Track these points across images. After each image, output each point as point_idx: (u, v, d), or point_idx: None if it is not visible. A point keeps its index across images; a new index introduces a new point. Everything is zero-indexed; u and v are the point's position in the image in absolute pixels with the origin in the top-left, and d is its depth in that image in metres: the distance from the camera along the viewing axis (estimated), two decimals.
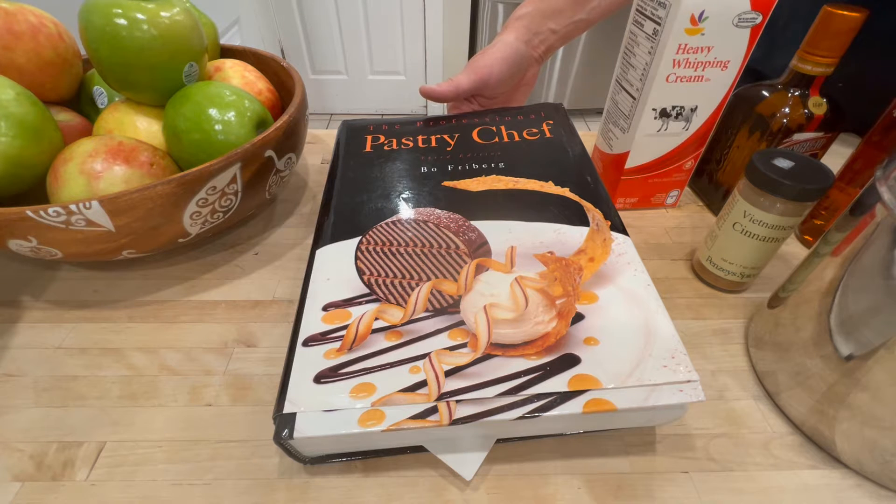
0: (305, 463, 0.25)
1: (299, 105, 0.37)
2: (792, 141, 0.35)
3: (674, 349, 0.23)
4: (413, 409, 0.22)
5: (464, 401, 0.22)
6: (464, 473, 0.24)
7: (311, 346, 0.24)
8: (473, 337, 0.24)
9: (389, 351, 0.24)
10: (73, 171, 0.30)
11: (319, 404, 0.22)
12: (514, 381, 0.23)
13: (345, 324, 0.25)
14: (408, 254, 0.29)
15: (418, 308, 0.26)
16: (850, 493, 0.24)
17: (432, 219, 0.30)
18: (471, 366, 0.23)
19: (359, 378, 0.23)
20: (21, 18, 0.33)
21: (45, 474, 0.25)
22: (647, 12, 0.34)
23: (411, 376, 0.23)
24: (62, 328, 0.32)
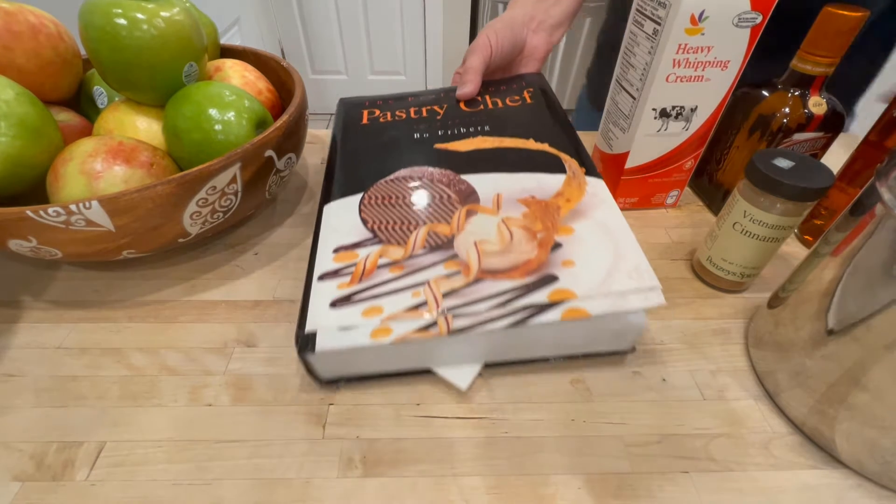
0: (322, 384, 0.29)
1: (299, 105, 0.37)
2: (792, 141, 0.35)
3: (638, 263, 0.27)
4: (416, 323, 0.26)
5: (459, 315, 0.26)
6: (460, 384, 0.28)
7: (326, 280, 0.28)
8: (466, 266, 0.28)
9: (393, 281, 0.28)
10: (73, 171, 0.30)
11: (336, 323, 0.26)
12: (502, 297, 0.26)
13: (353, 262, 0.29)
14: (406, 205, 0.32)
15: (417, 246, 0.29)
16: (851, 494, 0.24)
17: (426, 175, 0.34)
18: (464, 288, 0.27)
19: (368, 302, 0.27)
20: (21, 18, 0.33)
21: (45, 474, 0.25)
22: (647, 12, 0.34)
23: (413, 299, 0.27)
24: (62, 328, 0.32)
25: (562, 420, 0.27)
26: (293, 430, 0.27)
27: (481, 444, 0.26)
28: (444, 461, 0.25)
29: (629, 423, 0.27)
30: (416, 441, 0.26)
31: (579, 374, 0.30)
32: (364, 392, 0.29)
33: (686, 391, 0.29)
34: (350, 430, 0.27)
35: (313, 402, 0.28)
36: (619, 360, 0.30)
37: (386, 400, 0.28)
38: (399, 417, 0.27)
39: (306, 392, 0.29)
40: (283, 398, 0.28)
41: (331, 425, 0.27)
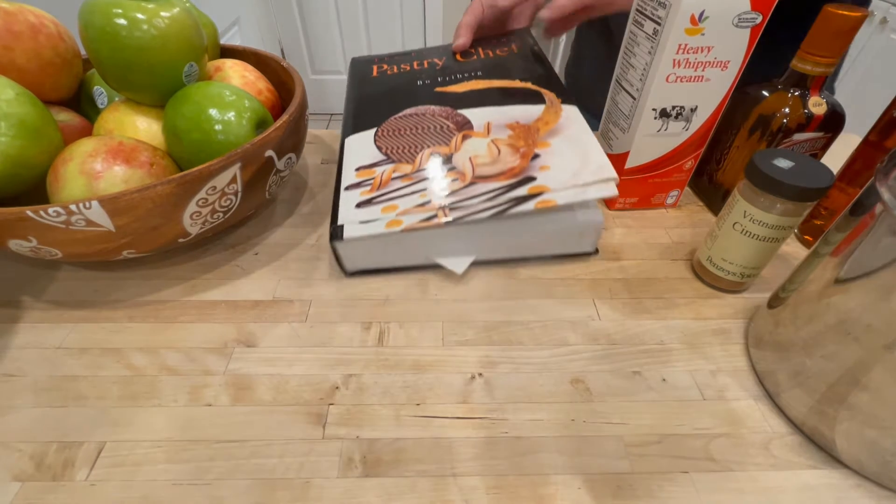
0: (347, 274, 0.36)
1: (299, 105, 0.37)
2: (792, 141, 0.35)
3: (601, 163, 0.34)
4: (422, 216, 0.33)
5: (456, 208, 0.33)
6: (456, 269, 0.36)
7: (351, 189, 0.35)
8: (462, 174, 0.35)
9: (405, 188, 0.34)
10: (73, 171, 0.30)
11: (359, 218, 0.33)
12: (490, 193, 0.33)
13: (372, 176, 0.36)
14: (412, 134, 0.39)
15: (423, 162, 0.36)
16: (851, 493, 0.24)
17: (429, 111, 0.41)
18: (461, 189, 0.34)
19: (386, 203, 0.34)
20: (21, 18, 0.33)
21: (45, 474, 0.25)
22: (647, 12, 0.34)
23: (420, 199, 0.33)
24: (62, 328, 0.32)
25: (562, 420, 0.27)
26: (293, 430, 0.27)
27: (481, 444, 0.26)
28: (443, 461, 0.25)
29: (629, 423, 0.27)
30: (416, 441, 0.26)
31: (579, 374, 0.30)
32: (364, 392, 0.29)
33: (686, 391, 0.29)
34: (350, 430, 0.27)
35: (313, 402, 0.28)
36: (620, 360, 0.30)
37: (386, 400, 0.28)
38: (399, 417, 0.27)
39: (306, 392, 0.29)
40: (283, 398, 0.28)
41: (331, 425, 0.27)
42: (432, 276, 0.36)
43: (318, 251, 0.39)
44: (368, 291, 0.35)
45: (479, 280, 0.36)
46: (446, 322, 0.33)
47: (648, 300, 0.35)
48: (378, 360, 0.30)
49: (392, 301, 0.34)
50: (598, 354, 0.31)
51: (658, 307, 0.34)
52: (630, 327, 0.33)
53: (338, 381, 0.29)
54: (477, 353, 0.31)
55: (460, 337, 0.32)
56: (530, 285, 0.36)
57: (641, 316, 0.33)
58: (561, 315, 0.33)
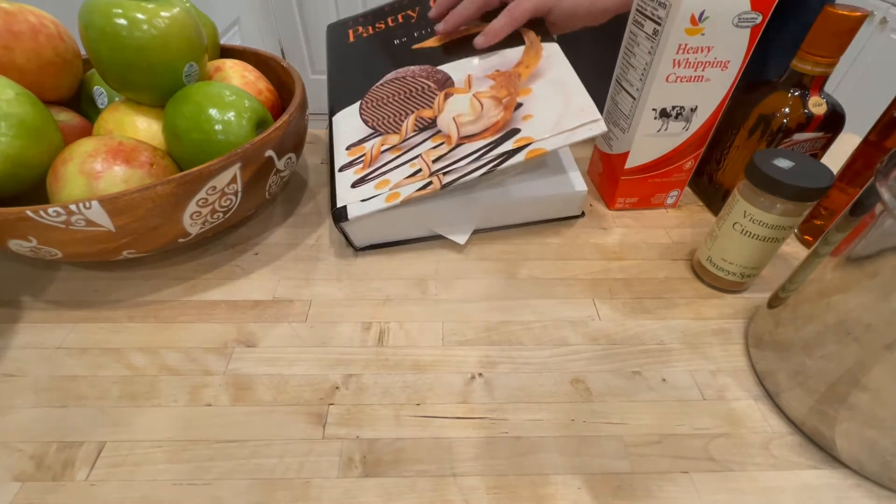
0: (357, 250, 0.38)
1: (299, 105, 0.37)
2: (792, 141, 0.35)
3: (583, 104, 0.33)
4: (416, 185, 0.33)
5: (447, 172, 0.33)
6: (458, 240, 0.38)
7: (344, 170, 0.36)
8: (448, 136, 0.35)
9: (394, 160, 0.35)
10: (73, 171, 0.30)
11: (357, 197, 0.34)
12: (478, 152, 0.33)
13: (362, 153, 0.37)
14: (395, 101, 0.39)
15: (408, 130, 0.37)
16: (851, 493, 0.24)
17: (409, 73, 0.40)
18: (449, 153, 0.34)
19: (378, 178, 0.35)
20: (21, 18, 0.33)
21: (45, 474, 0.25)
22: (647, 12, 0.34)
23: (411, 169, 0.34)
24: (62, 328, 0.32)
25: (562, 420, 0.27)
26: (293, 430, 0.27)
27: (481, 444, 0.26)
28: (443, 461, 0.25)
29: (629, 423, 0.27)
30: (416, 441, 0.26)
31: (579, 374, 0.30)
32: (364, 392, 0.29)
33: (686, 391, 0.29)
34: (350, 430, 0.27)
35: (313, 402, 0.28)
36: (620, 360, 0.30)
37: (386, 400, 0.28)
38: (399, 417, 0.27)
39: (306, 392, 0.29)
40: (283, 398, 0.28)
41: (331, 425, 0.27)
42: (432, 276, 0.36)
43: (318, 251, 0.39)
44: (368, 291, 0.35)
45: (479, 280, 0.36)
46: (446, 322, 0.33)
47: (648, 300, 0.35)
48: (378, 360, 0.30)
49: (392, 301, 0.34)
50: (598, 354, 0.31)
51: (658, 307, 0.34)
52: (630, 327, 0.33)
53: (338, 381, 0.29)
54: (477, 353, 0.31)
55: (460, 337, 0.32)
56: (530, 285, 0.36)
57: (641, 316, 0.33)
58: (561, 315, 0.33)
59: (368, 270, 0.37)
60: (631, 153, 0.39)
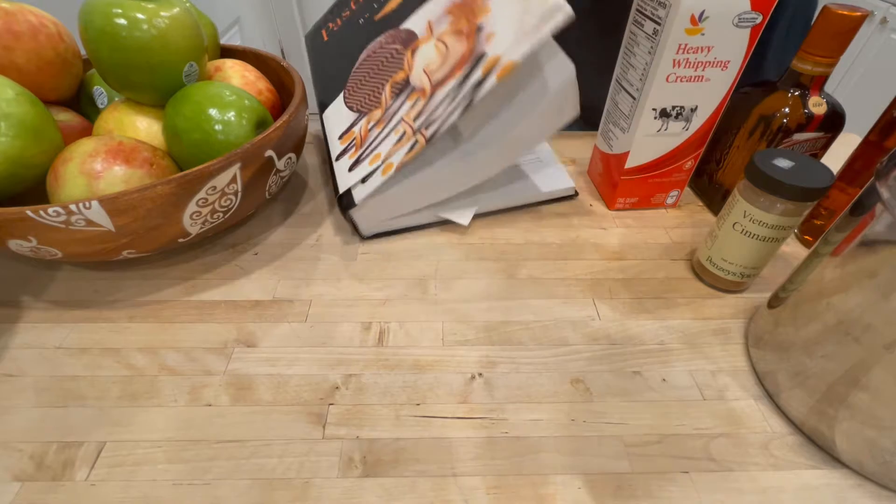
0: (363, 238, 0.39)
1: (299, 105, 0.37)
2: (792, 141, 0.35)
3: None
4: (405, 149, 0.34)
5: (428, 124, 0.33)
6: (462, 221, 0.39)
7: (340, 158, 0.38)
8: (422, 90, 0.35)
9: (381, 133, 0.36)
10: (73, 171, 0.30)
11: (356, 178, 0.36)
12: (451, 94, 0.33)
13: (353, 138, 0.38)
14: (371, 78, 0.39)
15: (387, 100, 0.37)
16: (851, 493, 0.24)
17: (376, 46, 0.41)
18: (425, 106, 0.34)
19: (370, 155, 0.36)
20: (21, 18, 0.33)
21: (45, 474, 0.25)
22: (647, 12, 0.34)
23: (396, 136, 0.35)
24: (62, 328, 0.32)
25: (562, 420, 0.27)
26: (293, 430, 0.27)
27: (481, 444, 0.26)
28: (443, 461, 0.25)
29: (629, 423, 0.27)
30: (416, 441, 0.26)
31: (579, 374, 0.30)
32: (364, 392, 0.29)
33: (686, 391, 0.29)
34: (350, 430, 0.27)
35: (313, 402, 0.28)
36: (620, 360, 0.30)
37: (386, 400, 0.28)
38: (399, 417, 0.27)
39: (306, 392, 0.29)
40: (283, 398, 0.28)
41: (331, 425, 0.27)
42: (432, 276, 0.36)
43: (318, 251, 0.39)
44: (368, 291, 0.35)
45: (479, 280, 0.36)
46: (446, 322, 0.33)
47: (648, 300, 0.35)
48: (378, 360, 0.30)
49: (392, 301, 0.34)
50: (598, 354, 0.31)
51: (658, 307, 0.34)
52: (630, 327, 0.33)
53: (338, 381, 0.29)
54: (477, 353, 0.31)
55: (460, 337, 0.32)
56: (530, 285, 0.36)
57: (641, 316, 0.33)
58: (561, 315, 0.33)
59: (368, 270, 0.37)
60: (631, 153, 0.39)
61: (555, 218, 0.42)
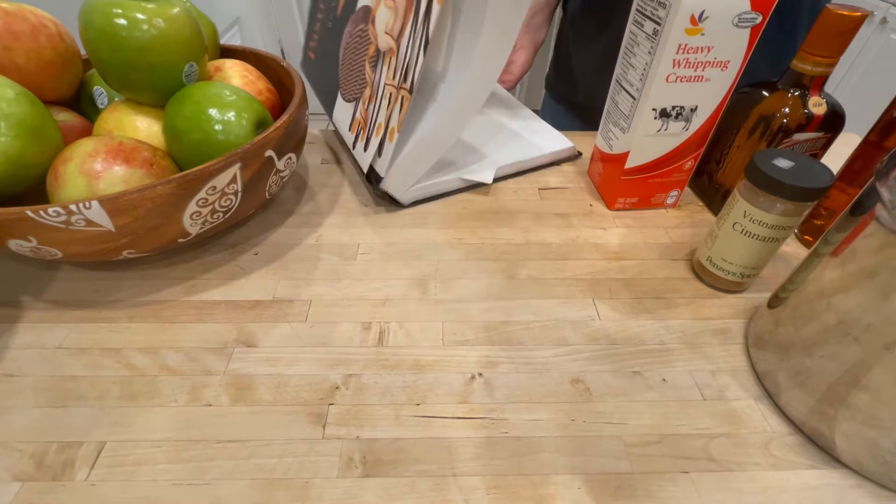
0: (405, 206, 0.43)
1: (299, 105, 0.37)
2: (792, 141, 0.35)
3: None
4: (398, 109, 0.35)
5: (405, 76, 0.34)
6: (486, 180, 0.43)
7: (355, 145, 0.42)
8: (390, 49, 0.36)
9: (374, 108, 0.38)
10: (73, 171, 0.30)
11: (371, 153, 0.39)
12: (411, 38, 0.33)
13: (357, 125, 0.41)
14: (354, 65, 0.42)
15: (370, 75, 0.39)
16: (851, 493, 0.24)
17: (346, 36, 0.43)
18: (397, 60, 0.35)
19: (374, 128, 0.38)
20: (21, 18, 0.33)
21: (45, 474, 0.25)
22: (647, 12, 0.34)
23: (385, 101, 0.37)
24: (62, 328, 0.32)
25: (562, 420, 0.27)
26: (293, 430, 0.27)
27: (481, 444, 0.26)
28: (444, 461, 0.25)
29: (629, 423, 0.27)
30: (416, 441, 0.26)
31: (579, 374, 0.30)
32: (364, 392, 0.29)
33: (686, 391, 0.29)
34: (350, 430, 0.27)
35: (313, 402, 0.28)
36: (620, 360, 0.30)
37: (386, 400, 0.28)
38: (399, 417, 0.27)
39: (306, 392, 0.29)
40: (283, 398, 0.28)
41: (331, 425, 0.27)
42: (432, 276, 0.36)
43: (318, 251, 0.39)
44: (368, 291, 0.35)
45: (479, 280, 0.36)
46: (446, 322, 0.33)
47: (648, 300, 0.35)
48: (378, 360, 0.31)
49: (392, 301, 0.34)
50: (598, 354, 0.31)
51: (658, 307, 0.34)
52: (630, 327, 0.33)
53: (338, 381, 0.29)
54: (477, 353, 0.31)
55: (460, 337, 0.32)
56: (530, 285, 0.36)
57: (641, 316, 0.33)
58: (561, 315, 0.33)
59: (368, 270, 0.37)
60: (631, 153, 0.39)
61: (555, 218, 0.42)
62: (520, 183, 0.46)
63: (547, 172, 0.48)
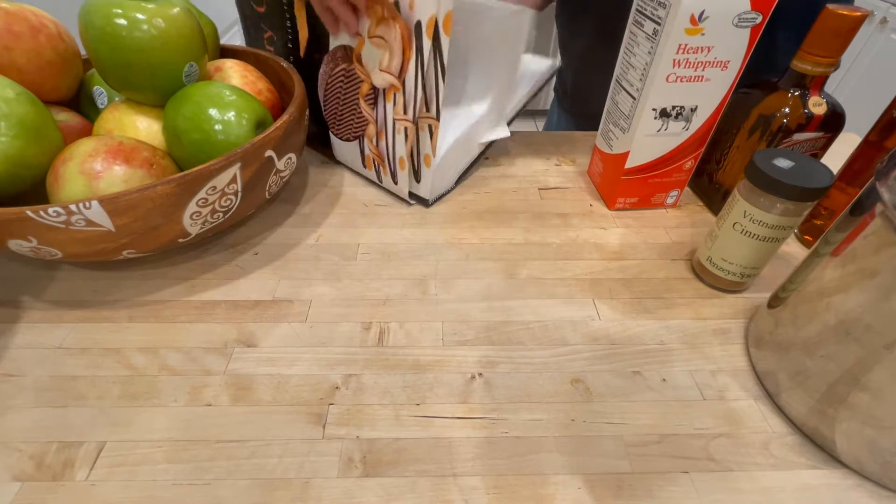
0: (429, 205, 0.43)
1: (299, 105, 0.37)
2: (792, 141, 0.35)
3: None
4: (426, 137, 0.37)
5: (429, 105, 0.35)
6: (504, 133, 0.44)
7: (383, 179, 0.42)
8: (392, 85, 0.36)
9: (389, 144, 0.39)
10: (73, 171, 0.30)
11: (406, 186, 0.41)
12: (416, 68, 0.34)
13: (372, 160, 0.42)
14: (344, 105, 0.40)
15: (369, 114, 0.39)
16: (850, 493, 0.24)
17: (326, 78, 0.41)
18: (405, 97, 0.36)
19: (396, 163, 0.40)
20: (21, 18, 0.33)
21: (45, 474, 0.25)
22: (647, 12, 0.34)
23: (401, 136, 0.38)
24: (62, 328, 0.32)
25: (562, 420, 0.27)
26: (293, 430, 0.27)
27: (481, 444, 0.26)
28: (444, 461, 0.25)
29: (629, 423, 0.27)
30: (416, 441, 0.26)
31: (579, 374, 0.30)
32: (364, 392, 0.29)
33: (686, 391, 0.29)
34: (350, 430, 0.27)
35: (313, 402, 0.28)
36: (620, 360, 0.30)
37: (386, 400, 0.28)
38: (399, 417, 0.27)
39: (306, 392, 0.29)
40: (283, 398, 0.28)
41: (331, 425, 0.27)
42: (432, 276, 0.36)
43: (318, 251, 0.39)
44: (368, 291, 0.35)
45: (479, 280, 0.36)
46: (446, 322, 0.33)
47: (648, 300, 0.35)
48: (378, 360, 0.31)
49: (392, 301, 0.34)
50: (598, 354, 0.31)
51: (658, 307, 0.34)
52: (630, 327, 0.33)
53: (338, 381, 0.29)
54: (477, 353, 0.31)
55: (460, 337, 0.32)
56: (530, 285, 0.36)
57: (641, 316, 0.33)
58: (561, 315, 0.33)
59: (368, 270, 0.37)
60: (631, 153, 0.39)
61: (555, 218, 0.42)
62: (520, 183, 0.46)
63: (547, 172, 0.48)
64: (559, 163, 0.50)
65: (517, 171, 0.48)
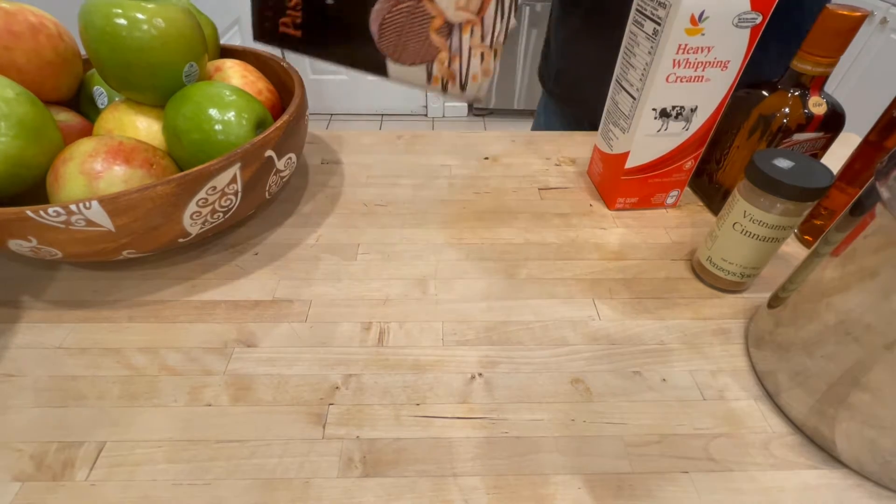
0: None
1: (299, 105, 0.37)
2: (792, 141, 0.35)
3: None
4: (491, 62, 0.36)
5: (501, 34, 0.35)
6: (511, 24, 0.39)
7: (449, 88, 0.38)
8: (469, 21, 0.35)
9: (464, 65, 0.37)
10: (73, 171, 0.30)
11: (478, 87, 0.38)
12: (497, 4, 0.33)
13: (442, 80, 0.38)
14: (410, 36, 0.37)
15: (443, 43, 0.37)
16: (851, 493, 0.24)
17: (383, 14, 0.37)
18: (483, 29, 0.35)
19: (469, 77, 0.37)
20: (21, 18, 0.33)
21: (45, 474, 0.25)
22: (647, 12, 0.34)
23: (477, 59, 0.36)
24: (62, 328, 0.32)
25: (562, 420, 0.27)
26: (293, 430, 0.27)
27: (481, 444, 0.26)
28: (444, 461, 0.25)
29: (629, 423, 0.27)
30: (416, 441, 0.26)
31: (579, 374, 0.30)
32: (364, 392, 0.29)
33: (686, 391, 0.29)
34: (350, 430, 0.27)
35: (313, 402, 0.28)
36: (620, 360, 0.30)
37: (386, 400, 0.28)
38: (399, 417, 0.27)
39: (306, 392, 0.29)
40: (283, 398, 0.28)
41: (331, 425, 0.27)
42: (432, 276, 0.36)
43: (318, 251, 0.39)
44: (368, 291, 0.35)
45: (479, 280, 0.36)
46: (446, 322, 0.33)
47: (648, 300, 0.35)
48: (378, 360, 0.31)
49: (392, 301, 0.34)
50: (598, 354, 0.31)
51: (658, 307, 0.34)
52: (630, 327, 0.33)
53: (338, 381, 0.29)
54: (477, 353, 0.31)
55: (460, 337, 0.32)
56: (530, 285, 0.36)
57: (641, 316, 0.33)
58: (561, 315, 0.33)
59: (368, 270, 0.37)
60: (631, 153, 0.39)
61: (555, 218, 0.42)
62: (520, 183, 0.46)
63: (547, 172, 0.48)
64: (559, 163, 0.50)
65: (517, 171, 0.48)
